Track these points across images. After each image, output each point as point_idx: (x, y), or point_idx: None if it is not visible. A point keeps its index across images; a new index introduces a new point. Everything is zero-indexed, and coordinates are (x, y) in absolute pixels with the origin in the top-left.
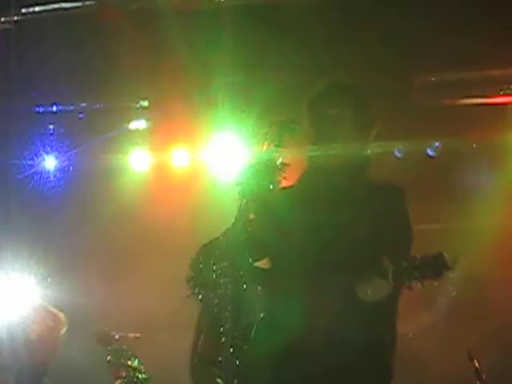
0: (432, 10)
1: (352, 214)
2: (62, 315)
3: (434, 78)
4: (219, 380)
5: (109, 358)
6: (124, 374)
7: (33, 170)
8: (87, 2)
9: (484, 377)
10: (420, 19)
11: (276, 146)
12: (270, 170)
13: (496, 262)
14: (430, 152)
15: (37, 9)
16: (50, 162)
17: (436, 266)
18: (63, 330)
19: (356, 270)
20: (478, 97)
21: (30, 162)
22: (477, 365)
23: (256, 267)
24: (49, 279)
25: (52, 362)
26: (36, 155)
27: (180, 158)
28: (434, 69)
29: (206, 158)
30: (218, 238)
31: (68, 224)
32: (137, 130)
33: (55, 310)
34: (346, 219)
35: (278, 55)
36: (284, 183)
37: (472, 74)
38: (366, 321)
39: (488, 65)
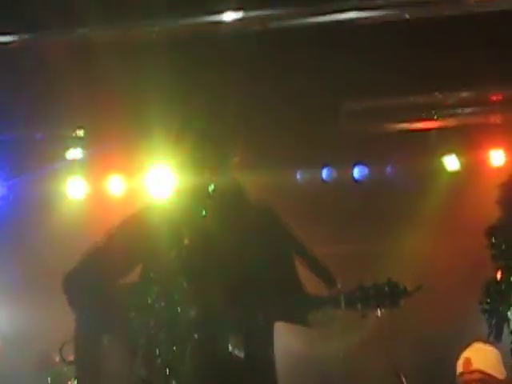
0: (357, 42)
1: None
2: None
3: (359, 106)
4: None
5: (49, 380)
6: None
7: None
8: (25, 36)
9: None
10: (346, 51)
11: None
12: (202, 197)
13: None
14: (356, 176)
15: None
16: None
17: (394, 295)
18: None
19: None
20: (401, 122)
21: None
22: (403, 380)
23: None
24: None
25: None
26: None
27: (116, 185)
28: (360, 97)
29: (141, 185)
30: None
31: (5, 250)
32: (73, 160)
33: None
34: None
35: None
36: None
37: (395, 101)
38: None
39: (410, 92)
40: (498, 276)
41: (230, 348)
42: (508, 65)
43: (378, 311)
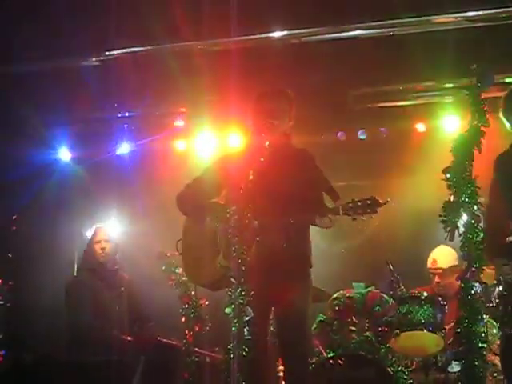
0: (359, 51)
1: (293, 168)
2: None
3: (360, 92)
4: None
5: (163, 267)
6: (173, 278)
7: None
8: (148, 47)
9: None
10: (351, 57)
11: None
12: (261, 148)
13: None
14: (360, 136)
15: (116, 52)
16: (125, 147)
17: (372, 205)
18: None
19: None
20: (388, 101)
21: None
22: (391, 267)
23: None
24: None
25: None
26: (116, 143)
27: (207, 143)
28: (360, 86)
29: (224, 142)
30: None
31: (137, 186)
32: (178, 127)
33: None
34: (291, 171)
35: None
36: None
37: (384, 88)
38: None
39: (394, 82)
40: (452, 198)
41: (282, 243)
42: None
43: (363, 216)
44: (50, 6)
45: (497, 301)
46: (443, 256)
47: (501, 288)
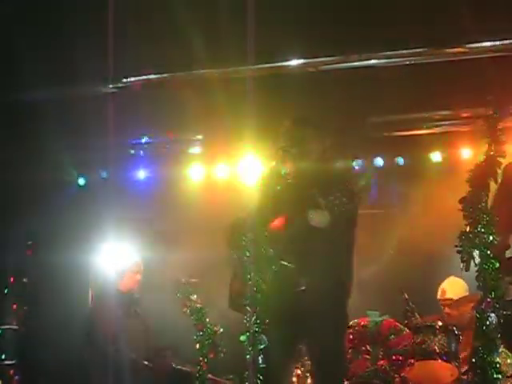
0: (375, 82)
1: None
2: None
3: (378, 120)
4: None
5: (178, 294)
6: (188, 304)
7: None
8: (164, 75)
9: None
10: (368, 86)
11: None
12: (278, 176)
13: None
14: (377, 164)
15: (132, 79)
16: (141, 174)
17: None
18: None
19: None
20: (407, 130)
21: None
22: (406, 296)
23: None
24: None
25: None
26: (133, 170)
27: (222, 171)
28: (378, 114)
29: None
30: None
31: (155, 213)
32: (194, 154)
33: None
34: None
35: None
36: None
37: (403, 116)
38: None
39: (409, 111)
40: (467, 228)
41: (299, 282)
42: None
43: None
44: (68, 34)
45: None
46: (452, 287)
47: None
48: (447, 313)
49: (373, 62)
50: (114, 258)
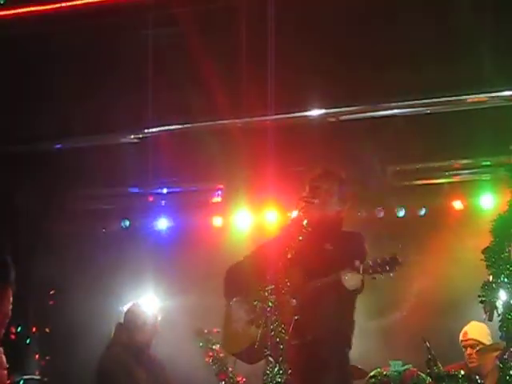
0: (391, 130)
1: (333, 246)
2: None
3: (399, 168)
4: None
5: (201, 344)
6: (211, 354)
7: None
8: (186, 125)
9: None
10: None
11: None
12: (300, 227)
13: None
14: (399, 213)
15: (154, 129)
16: (162, 224)
17: (391, 263)
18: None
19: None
20: (428, 178)
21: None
22: (428, 344)
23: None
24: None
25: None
26: (154, 219)
27: (243, 220)
28: (398, 163)
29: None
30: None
31: (177, 263)
32: (216, 203)
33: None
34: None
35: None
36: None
37: (425, 164)
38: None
39: (430, 160)
40: (490, 278)
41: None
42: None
43: (382, 274)
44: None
45: None
46: (474, 328)
47: None
48: (468, 354)
49: (393, 111)
50: (135, 309)
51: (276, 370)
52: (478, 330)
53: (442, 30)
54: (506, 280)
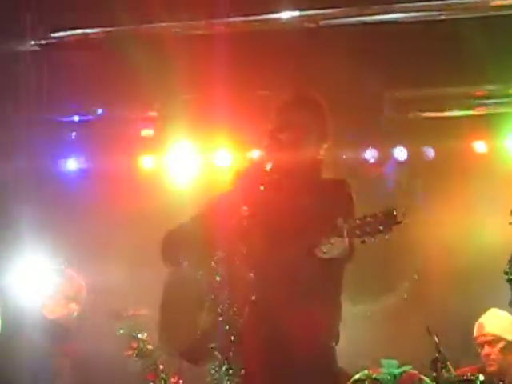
0: (398, 39)
1: (308, 199)
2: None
3: (399, 95)
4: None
5: (121, 331)
6: (134, 345)
7: (58, 171)
8: (107, 29)
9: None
10: (388, 47)
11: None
12: (262, 173)
13: None
14: (396, 156)
15: (62, 34)
16: (72, 164)
17: (386, 221)
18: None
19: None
20: (439, 110)
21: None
22: (436, 338)
23: None
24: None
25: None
26: (60, 158)
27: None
28: (400, 87)
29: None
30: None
31: (87, 217)
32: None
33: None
34: (304, 202)
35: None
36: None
37: (434, 90)
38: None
39: (446, 84)
40: None
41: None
42: None
43: (374, 237)
44: None
45: None
46: (493, 320)
47: None
48: (486, 354)
49: (394, 15)
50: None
51: (224, 369)
52: (498, 322)
53: None
54: None
